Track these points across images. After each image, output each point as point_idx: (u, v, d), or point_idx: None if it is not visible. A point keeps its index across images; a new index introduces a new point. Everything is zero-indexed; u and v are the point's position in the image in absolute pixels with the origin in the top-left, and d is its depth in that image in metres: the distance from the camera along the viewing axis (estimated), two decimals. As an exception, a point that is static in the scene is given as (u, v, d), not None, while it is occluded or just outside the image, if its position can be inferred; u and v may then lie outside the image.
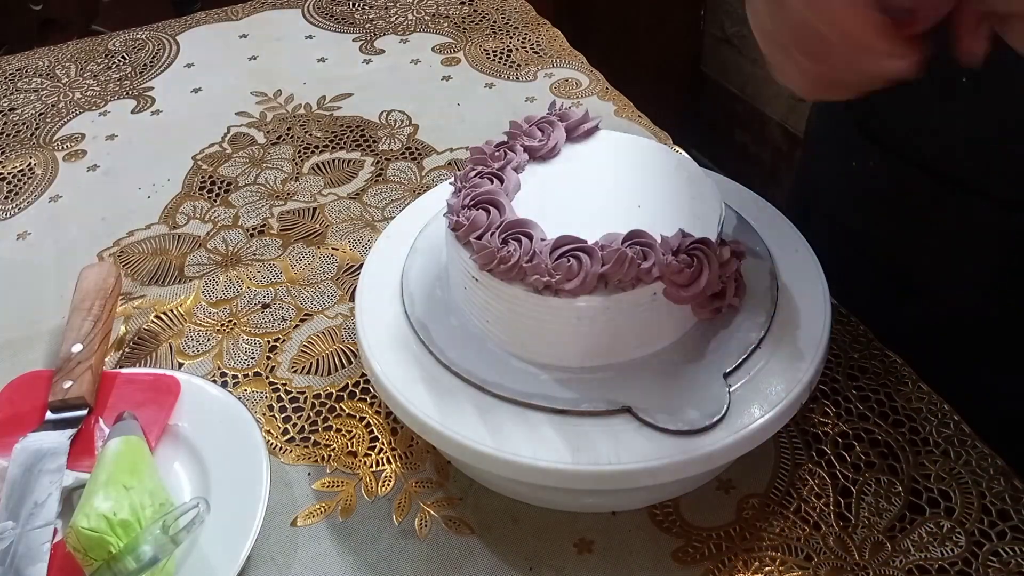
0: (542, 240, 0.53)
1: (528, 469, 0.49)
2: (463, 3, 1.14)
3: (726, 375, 0.52)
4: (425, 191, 0.76)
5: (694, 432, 0.49)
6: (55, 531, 0.54)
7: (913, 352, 0.65)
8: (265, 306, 0.73)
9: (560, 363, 0.54)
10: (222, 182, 0.87)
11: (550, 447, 0.50)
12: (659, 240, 0.52)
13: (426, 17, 1.12)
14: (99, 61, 1.07)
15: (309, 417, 0.63)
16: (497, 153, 0.60)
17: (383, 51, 1.06)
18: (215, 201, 0.84)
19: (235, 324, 0.71)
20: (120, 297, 0.73)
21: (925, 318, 0.66)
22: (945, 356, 0.64)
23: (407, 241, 0.64)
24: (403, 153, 0.89)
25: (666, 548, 0.54)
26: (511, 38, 1.06)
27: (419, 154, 0.89)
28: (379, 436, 0.62)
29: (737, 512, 0.56)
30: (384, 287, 0.61)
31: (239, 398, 0.62)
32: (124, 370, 0.66)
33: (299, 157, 0.90)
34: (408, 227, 0.65)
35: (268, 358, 0.68)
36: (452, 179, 0.59)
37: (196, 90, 1.01)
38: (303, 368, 0.67)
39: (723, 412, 0.50)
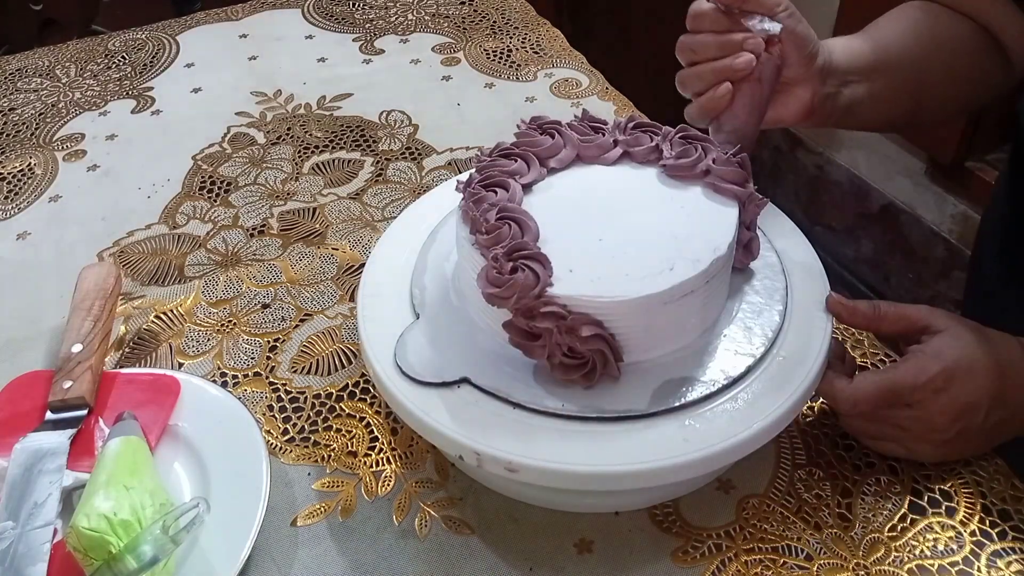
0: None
1: (529, 471, 0.49)
2: (463, 3, 1.14)
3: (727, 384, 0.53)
4: (425, 191, 0.76)
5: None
6: (55, 531, 0.53)
7: None
8: (265, 306, 0.73)
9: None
10: (222, 182, 0.87)
11: (550, 449, 0.50)
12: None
13: (426, 17, 1.12)
14: (99, 61, 1.07)
15: (309, 417, 0.63)
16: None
17: (383, 51, 1.06)
18: (215, 201, 0.84)
19: (235, 324, 0.71)
20: (120, 297, 0.73)
21: None
22: None
23: (408, 241, 0.64)
24: (403, 153, 0.89)
25: (666, 548, 0.54)
26: (511, 38, 1.06)
27: (419, 154, 0.89)
28: (379, 436, 0.62)
29: (737, 512, 0.56)
30: (385, 287, 0.61)
31: (239, 398, 0.62)
32: (124, 370, 0.66)
33: (299, 157, 0.90)
34: (409, 227, 0.65)
35: (268, 358, 0.68)
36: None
37: (196, 90, 1.01)
38: (303, 368, 0.67)
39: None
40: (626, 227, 0.55)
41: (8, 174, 0.90)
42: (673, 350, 0.54)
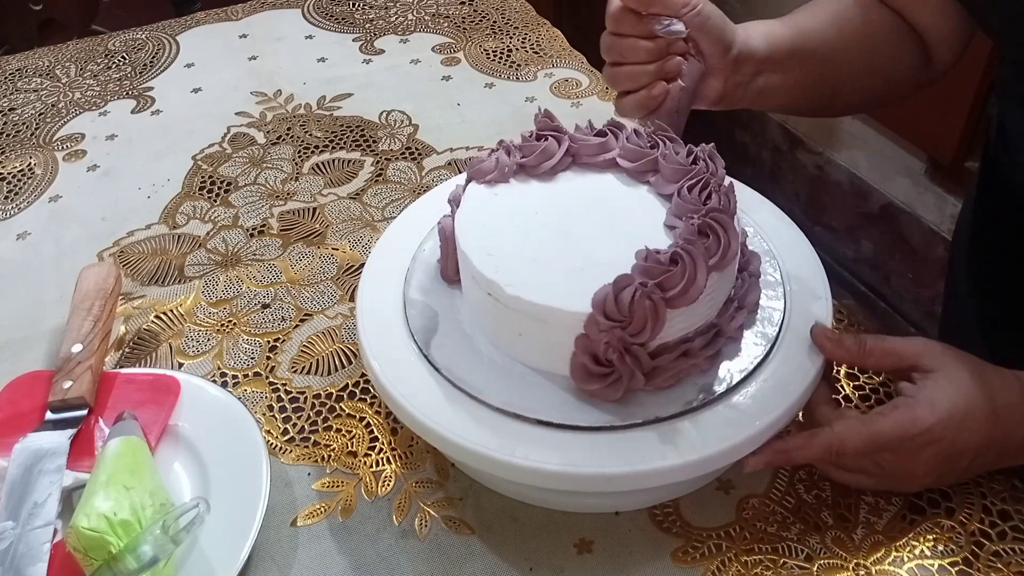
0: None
1: (529, 471, 0.49)
2: (463, 3, 1.14)
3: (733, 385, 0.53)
4: (425, 191, 0.76)
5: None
6: (55, 531, 0.53)
7: None
8: (265, 306, 0.72)
9: (558, 371, 0.53)
10: (222, 182, 0.87)
11: (550, 450, 0.50)
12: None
13: (426, 17, 1.12)
14: (99, 61, 1.07)
15: (309, 417, 0.63)
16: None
17: (383, 51, 1.06)
18: (215, 201, 0.84)
19: (235, 324, 0.71)
20: (120, 297, 0.73)
21: None
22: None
23: (408, 241, 0.64)
24: (403, 153, 0.89)
25: (666, 548, 0.54)
26: (511, 38, 1.06)
27: (419, 154, 0.89)
28: (379, 436, 0.62)
29: (737, 512, 0.56)
30: (385, 288, 0.61)
31: (239, 398, 0.62)
32: (124, 370, 0.66)
33: (299, 157, 0.90)
34: (409, 227, 0.65)
35: (268, 358, 0.68)
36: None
37: (196, 90, 1.01)
38: (303, 368, 0.67)
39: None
40: (590, 232, 0.55)
41: (8, 174, 0.90)
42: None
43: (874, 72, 0.68)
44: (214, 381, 0.65)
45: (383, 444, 0.61)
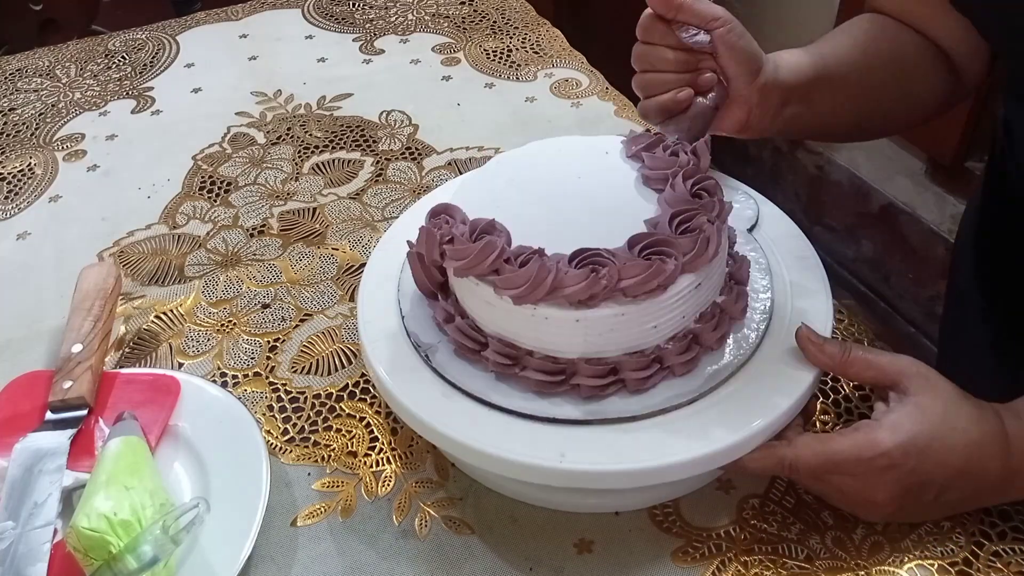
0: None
1: (530, 469, 0.50)
2: (463, 3, 1.14)
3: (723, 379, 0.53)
4: (425, 191, 0.76)
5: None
6: (55, 531, 0.54)
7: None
8: (265, 306, 0.73)
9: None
10: (222, 182, 0.87)
11: (550, 448, 0.50)
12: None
13: (426, 17, 1.12)
14: (99, 61, 1.07)
15: (309, 417, 0.63)
16: None
17: (383, 51, 1.06)
18: (215, 201, 0.84)
19: (235, 324, 0.71)
20: (120, 297, 0.73)
21: None
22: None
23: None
24: (403, 153, 0.89)
25: (666, 548, 0.54)
26: (511, 38, 1.06)
27: (419, 154, 0.89)
28: (379, 436, 0.62)
29: (737, 512, 0.56)
30: (385, 288, 0.61)
31: (239, 398, 0.62)
32: (124, 370, 0.66)
33: (299, 157, 0.90)
34: (409, 227, 0.65)
35: (268, 358, 0.68)
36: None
37: (196, 90, 1.01)
38: (303, 368, 0.67)
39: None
40: (589, 204, 0.56)
41: (8, 174, 0.90)
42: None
43: (905, 95, 0.67)
44: (214, 381, 0.65)
45: (383, 444, 0.61)
